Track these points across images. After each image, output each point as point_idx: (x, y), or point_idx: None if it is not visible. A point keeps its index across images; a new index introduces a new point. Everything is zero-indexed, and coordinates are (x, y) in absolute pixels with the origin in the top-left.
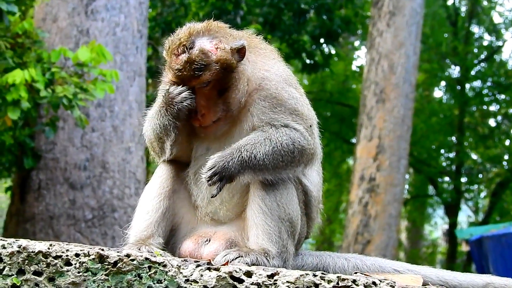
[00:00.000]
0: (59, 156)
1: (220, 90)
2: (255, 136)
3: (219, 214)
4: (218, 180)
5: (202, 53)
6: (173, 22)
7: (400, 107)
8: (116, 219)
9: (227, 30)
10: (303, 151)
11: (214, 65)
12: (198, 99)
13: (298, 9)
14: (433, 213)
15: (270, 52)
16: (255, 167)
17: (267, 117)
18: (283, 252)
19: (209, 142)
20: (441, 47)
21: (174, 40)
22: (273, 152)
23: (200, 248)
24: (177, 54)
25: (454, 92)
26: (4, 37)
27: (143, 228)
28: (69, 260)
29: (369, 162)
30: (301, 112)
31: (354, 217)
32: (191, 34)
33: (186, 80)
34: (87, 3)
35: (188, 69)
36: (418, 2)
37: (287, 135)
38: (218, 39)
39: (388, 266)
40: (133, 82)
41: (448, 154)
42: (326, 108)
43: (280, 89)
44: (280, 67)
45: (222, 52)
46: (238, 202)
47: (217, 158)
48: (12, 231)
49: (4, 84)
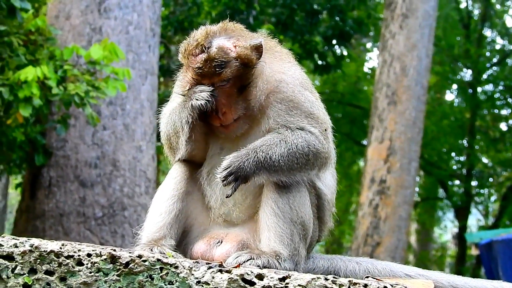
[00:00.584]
0: (70, 154)
1: (240, 88)
2: (271, 137)
3: (231, 216)
4: (233, 180)
5: (222, 51)
6: (186, 21)
7: (411, 110)
8: (126, 217)
9: (243, 30)
10: (318, 154)
11: (234, 62)
12: (218, 97)
13: (311, 9)
14: (443, 216)
15: (285, 55)
16: (270, 168)
17: (282, 119)
18: (294, 255)
19: (223, 142)
20: (453, 50)
21: (190, 42)
22: (288, 154)
23: (212, 249)
24: (196, 54)
25: (466, 95)
26: (16, 34)
27: (155, 230)
28: (81, 260)
29: (379, 164)
30: (317, 115)
31: (364, 219)
32: (208, 35)
33: (207, 77)
34: (100, 1)
35: (209, 67)
36: (431, 5)
37: (302, 138)
38: (235, 38)
39: (399, 271)
40: (145, 80)
41: (459, 157)
42: (338, 109)
43: (296, 92)
44: (296, 71)
45: (242, 49)
46: (251, 204)
47: (232, 158)
48: (22, 227)
49: (16, 81)
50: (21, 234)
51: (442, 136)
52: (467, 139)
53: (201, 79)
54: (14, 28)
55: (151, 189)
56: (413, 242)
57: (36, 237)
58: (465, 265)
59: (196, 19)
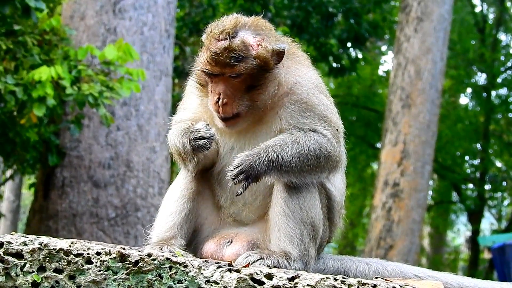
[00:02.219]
0: (84, 154)
1: (250, 86)
2: (283, 137)
3: (241, 215)
4: (244, 178)
5: (243, 45)
6: (201, 23)
7: (425, 113)
8: (139, 218)
9: (272, 30)
10: (329, 157)
11: (252, 60)
12: (225, 87)
13: (326, 12)
14: (456, 219)
15: (304, 60)
16: (281, 168)
17: (295, 121)
18: (304, 255)
19: (234, 141)
20: (468, 53)
21: (218, 26)
22: (300, 155)
23: (222, 249)
24: (218, 39)
25: (480, 99)
26: (31, 34)
27: (165, 229)
28: (90, 258)
29: (393, 167)
30: (330, 119)
31: (377, 222)
32: (236, 24)
33: (219, 65)
34: (115, 1)
35: (226, 56)
36: (446, 8)
37: (314, 139)
38: (262, 36)
39: (409, 272)
40: (159, 81)
41: (473, 161)
42: (352, 112)
43: (311, 95)
44: (312, 75)
45: (263, 50)
46: (261, 204)
47: (244, 156)
48: (35, 228)
49: (31, 81)
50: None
51: (456, 139)
52: (481, 143)
53: (213, 65)
54: (28, 27)
55: (165, 190)
56: (426, 246)
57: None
58: (478, 269)
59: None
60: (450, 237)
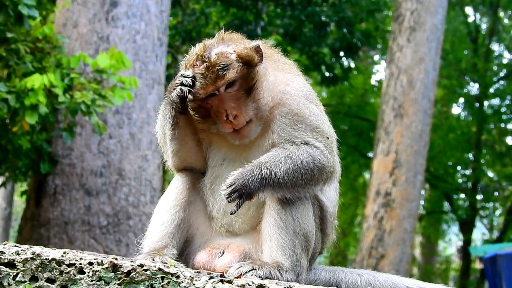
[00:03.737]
0: (76, 162)
1: (247, 89)
2: (275, 153)
3: (234, 226)
4: (238, 197)
5: (221, 55)
6: (194, 31)
7: (418, 123)
8: (131, 226)
9: (240, 38)
10: (323, 169)
11: (237, 62)
12: (227, 102)
13: (319, 21)
14: (447, 229)
15: (288, 65)
16: (275, 185)
17: (286, 134)
18: (296, 266)
19: (225, 153)
20: (460, 63)
21: (190, 57)
22: (293, 170)
23: (214, 259)
24: (198, 66)
25: (473, 109)
26: (24, 42)
27: (157, 239)
28: (82, 268)
29: (385, 177)
30: (322, 129)
31: (369, 231)
32: (206, 47)
33: (211, 84)
34: (108, 9)
35: (211, 72)
36: (439, 18)
37: (307, 153)
38: (233, 44)
39: (401, 283)
40: (152, 90)
41: (465, 171)
42: (344, 122)
43: (301, 105)
44: (300, 82)
45: (242, 49)
46: (253, 215)
47: (237, 175)
48: (26, 235)
49: (23, 89)
50: (25, 242)
51: (448, 149)
52: (473, 153)
53: (205, 87)
54: (21, 35)
55: (156, 199)
56: (418, 255)
57: (40, 245)
58: (469, 279)
59: (204, 29)
60: (442, 247)
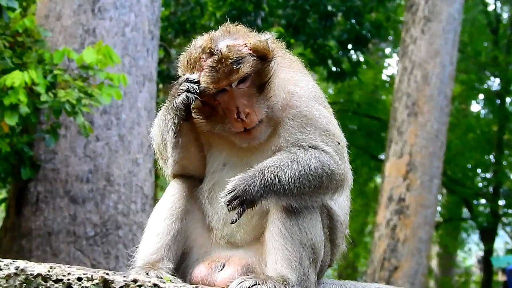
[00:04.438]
0: (60, 167)
1: (259, 86)
2: (281, 157)
3: (235, 237)
4: (239, 204)
5: (233, 48)
6: (188, 23)
7: (433, 122)
8: (121, 237)
9: (247, 31)
10: (333, 176)
11: (251, 56)
12: (238, 99)
13: (325, 11)
14: (467, 238)
15: (295, 63)
16: (279, 191)
17: (293, 137)
18: (303, 281)
19: (226, 157)
20: (480, 56)
21: (194, 50)
22: (300, 176)
23: (213, 273)
24: (204, 59)
25: (493, 106)
26: (3, 36)
27: (152, 252)
28: (70, 284)
29: (398, 181)
30: (333, 132)
31: (381, 241)
32: (212, 39)
33: (223, 78)
34: (94, 0)
35: (225, 65)
36: (456, 7)
37: (316, 158)
38: (241, 38)
39: None
40: (142, 87)
41: (485, 174)
42: (353, 121)
43: (310, 107)
44: (309, 82)
45: (256, 42)
46: (256, 224)
47: (237, 180)
48: (6, 247)
49: (2, 87)
50: (5, 254)
51: (467, 151)
52: (494, 154)
53: (217, 81)
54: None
55: (148, 206)
56: (434, 267)
57: (22, 258)
58: None
59: (199, 20)
60: (461, 257)
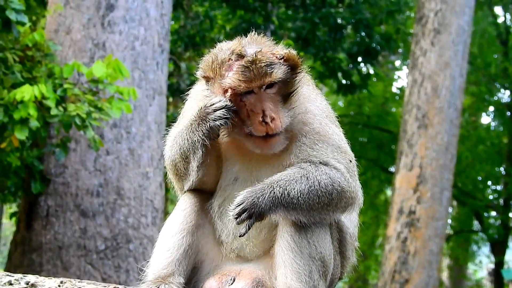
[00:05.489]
0: (70, 181)
1: (284, 95)
2: (291, 172)
3: (245, 251)
4: (247, 217)
5: (265, 53)
6: (197, 36)
7: (444, 134)
8: (131, 250)
9: (272, 43)
10: (343, 193)
11: (282, 64)
12: (265, 103)
13: (334, 24)
14: (478, 250)
15: (308, 80)
16: (288, 206)
17: (304, 154)
18: None
19: (237, 171)
20: (490, 68)
21: (221, 52)
22: (309, 191)
23: (224, 287)
24: (234, 60)
25: (504, 118)
26: (12, 50)
27: (163, 266)
28: None
29: (409, 194)
30: (345, 150)
31: (392, 253)
32: (240, 43)
33: (256, 78)
34: (103, 14)
35: (259, 66)
36: (465, 19)
37: (326, 174)
38: (267, 48)
39: None
40: (152, 101)
41: (496, 186)
42: (363, 133)
43: (323, 125)
44: (322, 101)
45: (288, 52)
46: (266, 238)
47: (246, 193)
48: (16, 261)
49: (12, 101)
50: (16, 268)
51: (478, 163)
52: (505, 166)
53: (250, 82)
54: (9, 43)
55: (159, 220)
56: (445, 279)
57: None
58: None
59: (209, 33)
60: (471, 269)
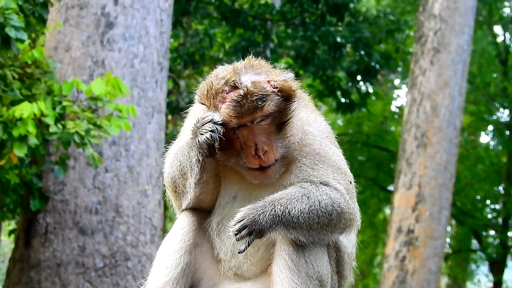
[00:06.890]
0: (69, 198)
1: (279, 124)
2: (292, 191)
3: (242, 269)
4: (247, 234)
5: (258, 85)
6: (197, 54)
7: (443, 153)
8: (130, 268)
9: (269, 67)
10: (342, 214)
11: (275, 96)
12: (258, 136)
13: (334, 43)
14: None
15: (308, 101)
16: (288, 224)
17: (304, 174)
18: None
19: (236, 190)
20: (489, 87)
21: (216, 80)
22: (309, 211)
23: None
24: (227, 91)
25: (503, 138)
26: (12, 67)
27: (160, 285)
28: None
29: (407, 212)
30: (344, 171)
31: (390, 272)
32: (235, 71)
33: (246, 114)
34: (103, 31)
35: (250, 101)
36: (465, 39)
37: (327, 194)
38: (264, 74)
39: None
40: (151, 118)
41: (495, 205)
42: (362, 152)
43: (324, 145)
44: (322, 122)
45: (280, 82)
46: (263, 256)
47: (247, 210)
48: (15, 279)
49: (11, 118)
50: (14, 286)
51: (476, 182)
52: (504, 185)
53: (241, 118)
54: (8, 60)
55: (157, 238)
56: None
57: None
58: None
59: (208, 51)
60: None
